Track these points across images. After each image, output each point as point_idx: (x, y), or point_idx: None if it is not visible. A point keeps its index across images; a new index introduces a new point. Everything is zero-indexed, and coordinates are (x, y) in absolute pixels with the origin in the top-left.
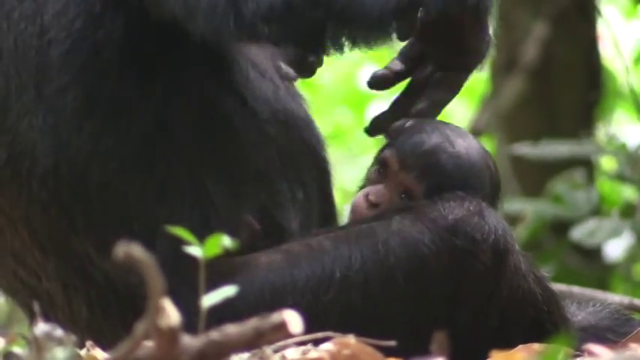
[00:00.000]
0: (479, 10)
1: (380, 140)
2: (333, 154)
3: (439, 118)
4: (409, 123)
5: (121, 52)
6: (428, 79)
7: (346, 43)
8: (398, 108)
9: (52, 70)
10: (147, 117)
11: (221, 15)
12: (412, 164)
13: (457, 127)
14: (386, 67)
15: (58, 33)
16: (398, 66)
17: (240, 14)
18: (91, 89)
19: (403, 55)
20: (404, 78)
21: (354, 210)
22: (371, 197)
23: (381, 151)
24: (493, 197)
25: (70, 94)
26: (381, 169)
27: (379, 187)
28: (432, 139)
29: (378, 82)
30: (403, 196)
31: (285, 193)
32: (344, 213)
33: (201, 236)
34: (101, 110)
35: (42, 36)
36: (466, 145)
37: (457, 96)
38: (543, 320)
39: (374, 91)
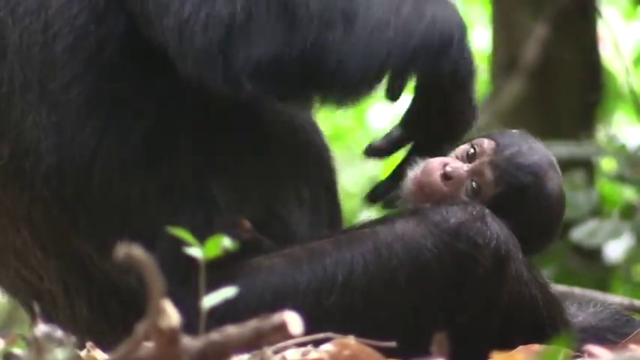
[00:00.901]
0: (458, 77)
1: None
2: (334, 156)
3: None
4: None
5: (125, 48)
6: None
7: (321, 101)
8: (396, 177)
9: (56, 66)
10: (149, 115)
11: (210, 65)
12: (503, 169)
13: (557, 166)
14: (384, 137)
15: (62, 28)
16: (394, 135)
17: (228, 68)
18: (94, 86)
19: (398, 127)
20: (401, 146)
21: (426, 169)
22: (448, 168)
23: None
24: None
25: (74, 90)
26: (471, 151)
27: (460, 164)
28: (535, 167)
29: (375, 152)
30: (473, 185)
31: (291, 194)
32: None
33: (204, 237)
34: (104, 108)
35: (46, 31)
36: (556, 194)
37: None
38: (544, 325)
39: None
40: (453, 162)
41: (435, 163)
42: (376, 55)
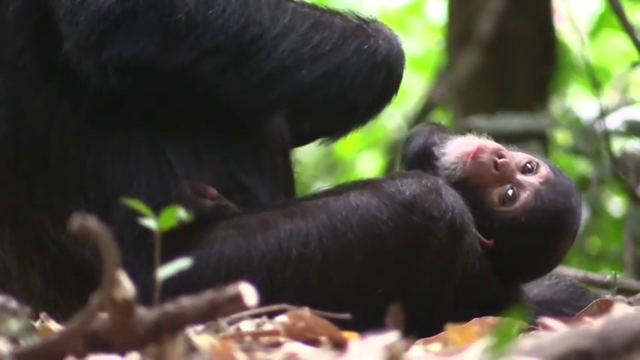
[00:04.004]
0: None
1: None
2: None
3: None
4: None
5: None
6: None
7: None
8: None
9: (8, 31)
10: None
11: (86, 51)
12: (543, 207)
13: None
14: None
15: None
16: None
17: (99, 58)
18: (47, 52)
19: None
20: None
21: (479, 149)
22: (502, 160)
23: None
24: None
25: (27, 56)
26: (529, 166)
27: (513, 164)
28: (567, 226)
29: None
30: (509, 193)
31: (251, 161)
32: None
33: (161, 204)
34: (58, 74)
35: None
36: (566, 247)
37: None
38: (498, 299)
39: None
40: (508, 157)
41: (492, 147)
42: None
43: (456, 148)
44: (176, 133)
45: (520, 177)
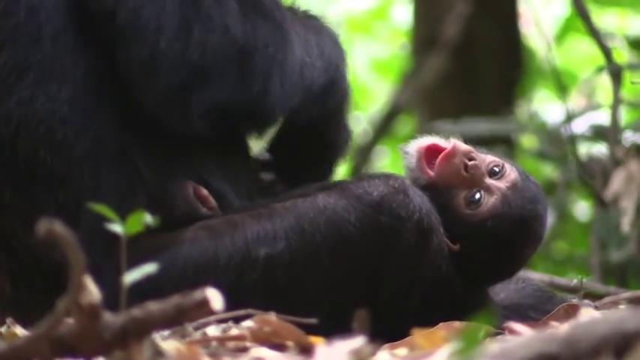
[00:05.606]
0: (335, 110)
1: None
2: None
3: None
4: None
5: (54, 16)
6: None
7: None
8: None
9: None
10: (75, 82)
11: (169, 105)
12: (509, 213)
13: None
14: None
15: None
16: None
17: (185, 110)
18: (22, 52)
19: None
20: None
21: (455, 149)
22: (472, 162)
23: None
24: None
25: (2, 57)
26: (497, 169)
27: (483, 168)
28: (533, 233)
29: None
30: (477, 196)
31: (220, 166)
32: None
33: (127, 208)
34: (32, 74)
35: None
36: (529, 254)
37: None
38: (465, 302)
39: None
40: (478, 160)
41: (463, 149)
42: (295, 97)
43: (419, 149)
44: (146, 138)
45: (488, 181)
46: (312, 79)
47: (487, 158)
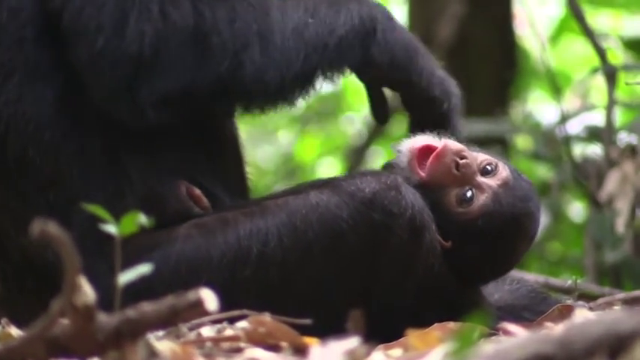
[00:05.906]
0: (394, 56)
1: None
2: (248, 131)
3: None
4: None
5: (34, 17)
6: None
7: (244, 109)
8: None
9: None
10: (62, 82)
11: (117, 100)
12: (501, 211)
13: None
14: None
15: None
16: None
17: (133, 103)
18: (7, 53)
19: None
20: None
21: (446, 148)
22: (463, 161)
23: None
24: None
25: None
26: (489, 168)
27: (474, 166)
28: (525, 232)
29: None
30: (468, 194)
31: (210, 167)
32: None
33: (116, 208)
34: (18, 75)
35: None
36: (522, 252)
37: None
38: (458, 302)
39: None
40: (470, 159)
41: (455, 147)
42: (294, 59)
43: (411, 148)
44: (131, 138)
45: (480, 179)
46: (322, 36)
47: (479, 157)
